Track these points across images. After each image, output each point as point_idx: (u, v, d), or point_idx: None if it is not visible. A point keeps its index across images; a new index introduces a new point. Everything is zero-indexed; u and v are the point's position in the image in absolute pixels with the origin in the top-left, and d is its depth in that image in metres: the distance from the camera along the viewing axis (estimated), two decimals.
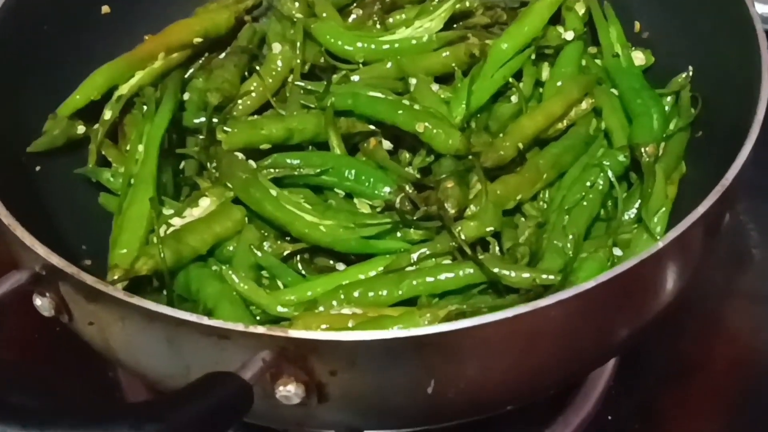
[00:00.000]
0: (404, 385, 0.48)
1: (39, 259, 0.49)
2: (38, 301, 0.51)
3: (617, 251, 0.60)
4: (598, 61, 0.72)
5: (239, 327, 0.45)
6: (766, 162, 0.82)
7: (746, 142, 0.54)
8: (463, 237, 0.58)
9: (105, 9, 0.72)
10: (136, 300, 0.46)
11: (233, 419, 0.43)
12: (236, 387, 0.43)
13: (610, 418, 0.68)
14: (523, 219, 0.64)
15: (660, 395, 0.71)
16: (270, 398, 0.47)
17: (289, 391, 0.46)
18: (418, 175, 0.65)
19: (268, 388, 0.46)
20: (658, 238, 0.57)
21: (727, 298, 0.76)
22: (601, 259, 0.58)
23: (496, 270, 0.56)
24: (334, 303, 0.56)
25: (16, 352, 0.72)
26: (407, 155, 0.68)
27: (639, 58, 0.71)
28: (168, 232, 0.61)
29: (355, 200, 0.64)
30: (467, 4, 0.76)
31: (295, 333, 0.45)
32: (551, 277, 0.55)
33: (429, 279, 0.57)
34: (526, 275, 0.56)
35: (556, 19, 0.75)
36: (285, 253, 0.62)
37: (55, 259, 0.48)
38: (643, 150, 0.63)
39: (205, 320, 0.45)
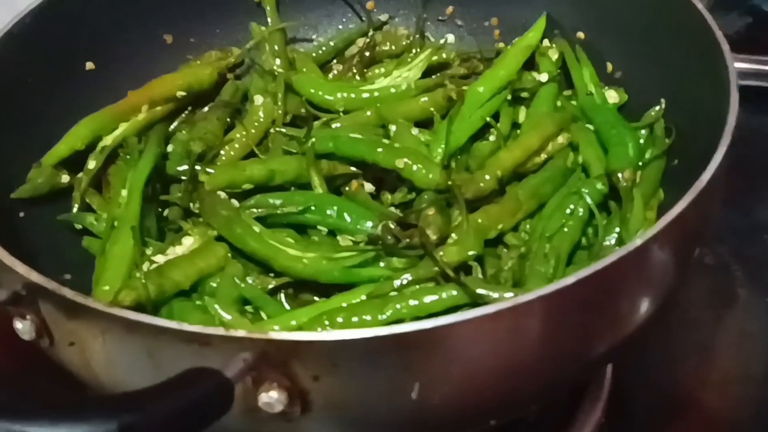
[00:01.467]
0: (388, 389, 0.49)
1: (19, 277, 0.50)
2: (18, 325, 0.51)
3: None
4: (573, 102, 0.75)
5: (219, 331, 0.46)
6: (748, 206, 0.88)
7: (720, 146, 0.56)
8: (445, 261, 0.59)
9: (89, 65, 0.74)
10: (116, 310, 0.47)
11: (213, 415, 0.43)
12: (217, 383, 0.43)
13: None
14: (505, 250, 0.64)
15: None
16: (253, 410, 0.47)
17: (271, 397, 0.46)
18: (401, 214, 0.66)
19: (250, 396, 0.46)
20: None
21: (717, 334, 0.77)
22: None
23: (480, 291, 0.56)
24: (318, 329, 0.57)
25: None
26: (389, 196, 0.70)
27: (612, 96, 0.74)
28: (151, 268, 0.62)
29: (338, 237, 0.65)
30: (444, 55, 0.80)
31: (275, 335, 0.46)
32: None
33: (413, 302, 0.57)
34: (509, 295, 0.56)
35: (530, 66, 0.77)
36: (269, 287, 0.62)
37: (35, 276, 0.49)
38: (620, 175, 0.65)
39: (186, 326, 0.46)
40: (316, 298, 0.64)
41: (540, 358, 0.51)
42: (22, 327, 0.51)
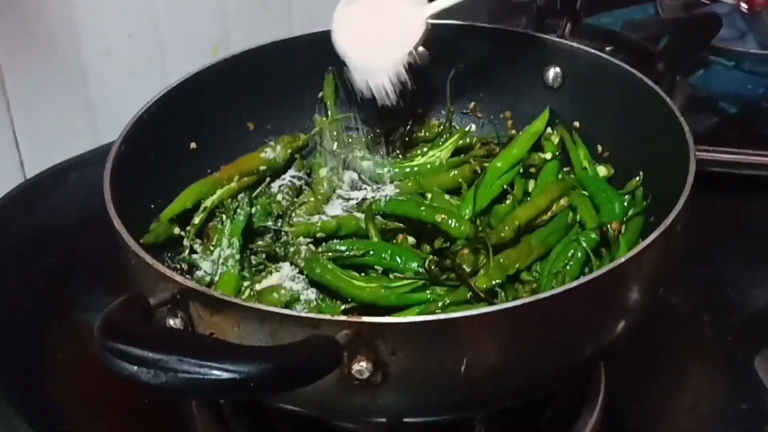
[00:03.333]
0: (444, 362, 0.61)
1: (177, 284, 0.63)
2: (171, 322, 0.64)
3: None
4: (571, 175, 0.92)
5: (326, 317, 0.61)
6: (712, 265, 1.02)
7: (676, 206, 0.70)
8: (477, 285, 0.76)
9: (193, 145, 0.90)
10: (253, 304, 0.62)
11: (328, 368, 0.57)
12: (332, 344, 0.57)
13: None
14: (521, 286, 0.80)
15: None
16: (347, 377, 0.60)
17: (361, 366, 0.59)
18: (438, 259, 0.81)
19: (345, 367, 0.59)
20: None
21: (689, 365, 0.91)
22: None
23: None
24: None
25: None
26: (427, 247, 0.85)
27: (602, 170, 0.90)
28: (251, 293, 0.79)
29: (391, 275, 0.80)
30: (467, 140, 0.97)
31: (366, 318, 0.60)
32: None
33: None
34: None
35: (537, 148, 0.94)
36: (341, 310, 0.77)
37: (190, 283, 0.64)
38: (609, 227, 0.81)
39: (303, 314, 0.63)
40: None
41: (542, 344, 0.65)
42: (173, 323, 0.64)
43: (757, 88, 1.27)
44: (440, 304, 0.76)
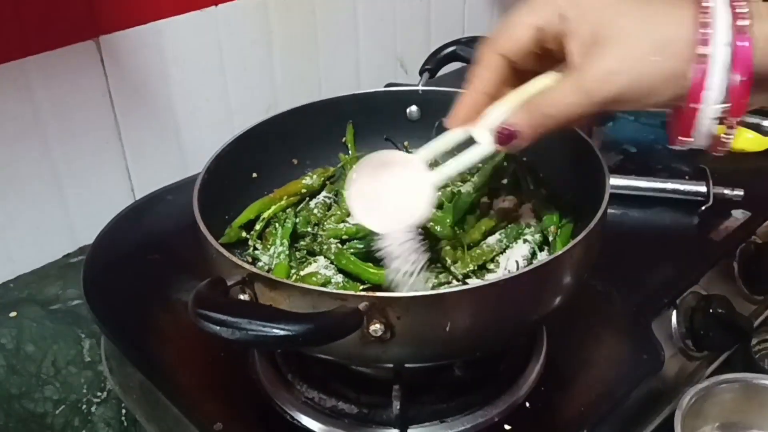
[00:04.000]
0: (434, 324, 0.61)
1: (246, 270, 0.62)
2: (241, 296, 0.64)
3: None
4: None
5: (351, 293, 0.63)
6: (618, 254, 0.98)
7: (595, 217, 0.70)
8: (456, 272, 0.77)
9: (254, 174, 0.89)
10: (299, 284, 0.62)
11: (354, 326, 0.57)
12: (355, 312, 0.57)
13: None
14: (486, 271, 0.80)
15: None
16: (364, 335, 0.59)
17: (376, 327, 0.59)
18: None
19: (365, 329, 0.59)
20: None
21: (602, 329, 0.90)
22: None
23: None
24: None
25: None
26: None
27: (543, 191, 0.90)
28: (297, 276, 0.79)
29: None
30: None
31: (380, 293, 0.60)
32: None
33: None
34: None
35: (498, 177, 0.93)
36: (360, 288, 0.77)
37: (255, 270, 0.62)
38: (549, 230, 0.82)
39: (334, 291, 0.63)
40: None
41: (504, 311, 0.65)
42: (244, 297, 0.63)
43: (649, 134, 1.27)
44: (430, 284, 0.76)
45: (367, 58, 1.44)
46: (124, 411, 1.02)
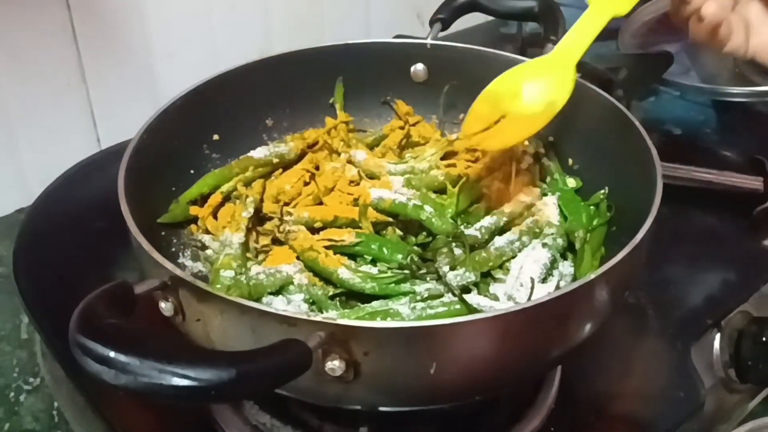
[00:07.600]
0: (415, 365, 0.48)
1: (167, 272, 0.49)
2: (162, 305, 0.51)
3: None
4: (544, 185, 0.75)
5: (303, 316, 0.46)
6: (659, 264, 0.86)
7: (646, 221, 0.56)
8: (453, 284, 0.60)
9: (215, 136, 0.75)
10: (233, 298, 0.47)
11: (298, 372, 0.43)
12: (302, 348, 0.43)
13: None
14: (493, 282, 0.65)
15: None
16: (320, 373, 0.47)
17: (334, 365, 0.46)
18: (420, 251, 0.66)
19: (320, 364, 0.46)
20: None
21: (633, 353, 0.76)
22: None
23: (474, 303, 0.58)
24: None
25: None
26: (413, 239, 0.69)
27: (571, 182, 0.73)
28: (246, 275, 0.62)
29: (378, 264, 0.65)
30: (455, 146, 0.78)
31: (341, 321, 0.45)
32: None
33: (430, 311, 0.57)
34: (495, 307, 0.57)
35: None
36: (330, 294, 0.62)
37: (179, 272, 0.49)
38: (575, 234, 0.66)
39: (281, 311, 0.46)
40: (359, 304, 0.62)
41: (513, 352, 0.50)
42: (165, 306, 0.50)
43: (698, 114, 1.13)
44: (418, 297, 0.60)
45: (378, 7, 1.29)
46: (56, 404, 0.87)
